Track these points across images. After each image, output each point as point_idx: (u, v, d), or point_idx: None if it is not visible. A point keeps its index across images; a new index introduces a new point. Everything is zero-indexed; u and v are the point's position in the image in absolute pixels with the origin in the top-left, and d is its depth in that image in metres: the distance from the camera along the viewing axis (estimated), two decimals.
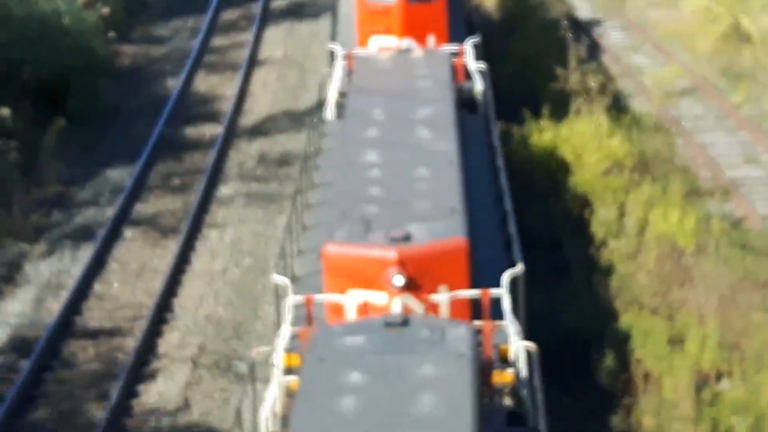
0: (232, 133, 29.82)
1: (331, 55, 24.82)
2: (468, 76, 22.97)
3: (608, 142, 24.56)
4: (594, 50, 33.89)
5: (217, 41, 37.27)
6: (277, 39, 37.37)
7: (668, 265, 21.81)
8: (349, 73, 22.91)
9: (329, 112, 22.26)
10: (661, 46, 34.87)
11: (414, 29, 24.52)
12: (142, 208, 26.09)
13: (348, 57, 23.39)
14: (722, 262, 21.91)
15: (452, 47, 23.62)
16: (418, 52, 23.57)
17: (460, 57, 23.17)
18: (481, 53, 23.96)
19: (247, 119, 30.91)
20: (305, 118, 30.03)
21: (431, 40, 24.52)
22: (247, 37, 37.10)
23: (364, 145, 18.28)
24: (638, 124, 27.78)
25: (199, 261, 23.77)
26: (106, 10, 34.94)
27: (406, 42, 24.33)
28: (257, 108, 31.63)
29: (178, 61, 35.10)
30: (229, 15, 39.82)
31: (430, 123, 19.04)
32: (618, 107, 28.56)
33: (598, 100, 26.94)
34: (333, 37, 27.74)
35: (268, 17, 39.49)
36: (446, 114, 19.47)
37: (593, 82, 27.28)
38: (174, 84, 33.07)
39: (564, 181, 24.31)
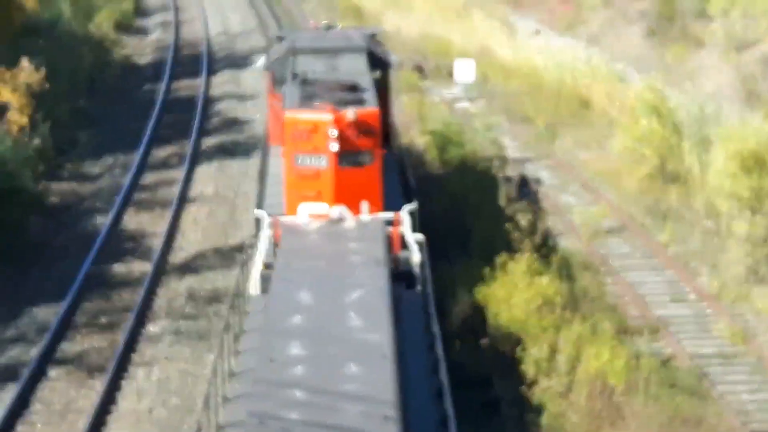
0: (161, 271, 29.56)
1: (257, 223, 23.37)
2: (404, 245, 21.87)
3: (538, 281, 24.61)
4: (523, 189, 34.26)
5: (148, 178, 37.23)
6: (208, 176, 37.42)
7: (599, 404, 21.78)
8: (275, 244, 21.69)
9: (253, 286, 20.91)
10: (589, 185, 35.36)
11: (346, 195, 22.51)
12: (68, 347, 25.62)
13: (275, 225, 22.11)
14: (653, 401, 21.94)
15: (387, 215, 22.38)
16: (350, 222, 22.21)
17: (396, 226, 22.04)
18: (418, 223, 22.61)
19: (177, 256, 30.70)
20: (235, 255, 29.97)
21: (365, 207, 22.50)
22: (178, 174, 37.10)
23: (287, 336, 16.82)
24: (568, 262, 27.97)
25: (125, 401, 23.30)
26: (35, 146, 34.86)
27: (338, 210, 22.42)
28: (187, 245, 31.46)
29: (107, 197, 34.97)
30: (161, 152, 39.90)
31: (361, 309, 17.62)
32: (547, 245, 28.76)
33: (528, 238, 27.09)
34: (259, 203, 25.80)
35: (199, 155, 39.61)
36: (380, 299, 17.97)
37: (523, 221, 27.47)
38: (103, 221, 32.86)
39: (495, 319, 24.28)
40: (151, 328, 26.57)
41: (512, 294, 24.29)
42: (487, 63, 48.95)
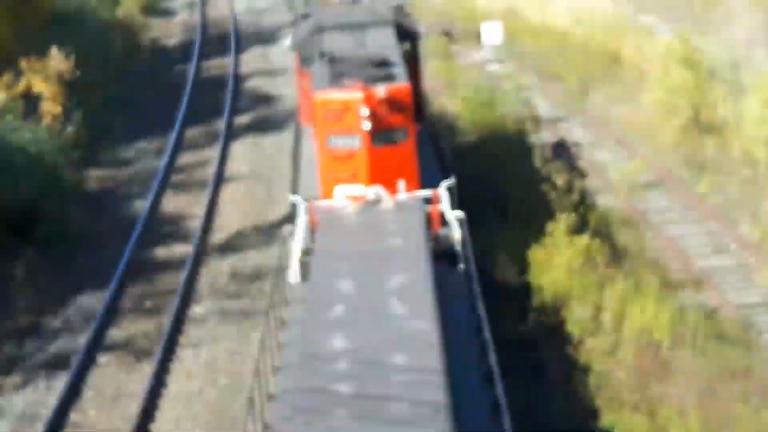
0: (202, 252, 29.74)
1: (293, 208, 22.82)
2: (444, 222, 21.45)
3: (578, 240, 24.58)
4: (559, 148, 34.17)
5: (184, 159, 37.41)
6: (242, 154, 37.54)
7: (646, 360, 21.76)
8: (312, 230, 21.29)
9: (293, 274, 20.59)
10: (623, 140, 35.21)
11: (382, 175, 21.93)
12: (116, 333, 25.86)
13: (311, 211, 21.63)
14: (700, 354, 21.92)
15: (425, 193, 21.90)
16: (387, 202, 21.65)
17: (435, 204, 21.55)
18: (456, 199, 22.06)
19: (217, 236, 30.88)
20: (274, 232, 30.11)
21: (402, 186, 21.97)
22: (213, 153, 37.26)
23: (329, 328, 16.31)
24: (607, 220, 27.91)
25: (174, 383, 23.52)
26: (70, 134, 35.07)
27: (375, 190, 21.91)
28: (226, 225, 31.62)
29: (145, 181, 35.15)
30: (194, 133, 40.03)
31: (404, 295, 17.06)
32: (585, 204, 28.69)
33: (565, 197, 27.03)
34: (294, 188, 25.17)
35: (232, 133, 39.72)
36: (423, 283, 17.31)
37: (559, 180, 27.40)
38: (142, 205, 33.06)
39: (537, 281, 24.29)
40: (197, 309, 26.77)
41: (553, 255, 24.29)
42: (514, 24, 48.67)
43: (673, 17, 43.56)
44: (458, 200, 22.06)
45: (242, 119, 41.53)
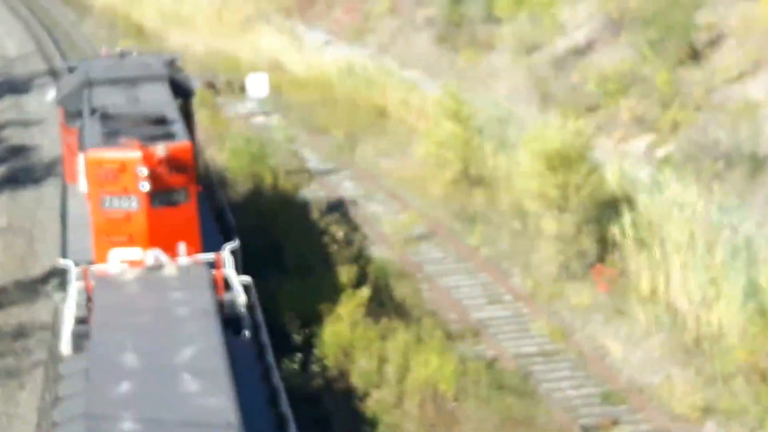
0: None
1: (63, 274, 21.06)
2: (227, 286, 20.11)
3: (359, 292, 24.36)
4: (333, 202, 34.03)
5: None
6: None
7: (432, 411, 21.65)
8: (87, 298, 19.43)
9: (65, 345, 18.77)
10: (394, 193, 35.34)
11: (162, 238, 20.44)
12: None
13: (85, 276, 19.81)
14: (484, 404, 21.94)
15: (208, 256, 20.45)
16: (170, 268, 20.09)
17: (219, 268, 20.16)
18: (241, 262, 20.78)
19: None
20: (38, 287, 28.79)
21: (182, 249, 20.55)
22: None
23: (116, 407, 14.85)
24: (384, 271, 27.82)
25: None
26: None
27: (154, 254, 20.31)
28: None
29: None
30: None
31: (196, 369, 15.75)
32: (362, 256, 28.56)
33: (344, 249, 26.83)
34: (63, 250, 22.83)
35: None
36: (215, 356, 15.98)
37: (339, 232, 27.18)
38: None
39: (318, 333, 23.90)
40: None
41: (334, 307, 23.97)
42: (279, 76, 48.56)
43: (438, 72, 44.35)
44: (242, 262, 20.96)
45: None
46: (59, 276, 22.04)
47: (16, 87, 52.80)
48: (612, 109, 36.40)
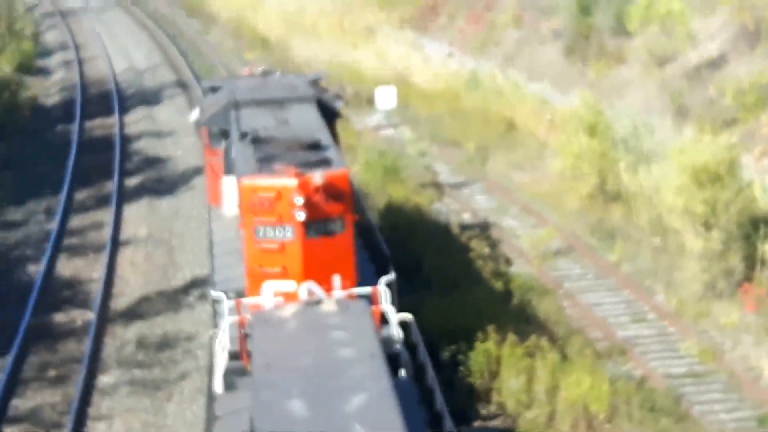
0: (105, 318, 28.49)
1: (213, 306, 20.32)
2: (383, 321, 18.97)
3: (506, 308, 24.17)
4: (467, 215, 33.89)
5: (76, 222, 36.05)
6: (138, 217, 36.36)
7: None
8: (242, 333, 18.65)
9: (218, 383, 18.27)
10: (528, 207, 35.08)
11: (316, 270, 19.43)
12: (20, 404, 24.47)
13: (239, 310, 18.82)
14: (638, 426, 21.57)
15: (364, 290, 19.40)
16: (329, 304, 17.87)
17: (375, 304, 19.01)
18: (397, 297, 19.72)
19: (120, 302, 29.64)
20: (180, 297, 29.14)
21: (337, 282, 19.60)
22: (107, 216, 36.01)
23: None
24: (527, 287, 27.59)
25: None
26: None
27: (308, 287, 18.94)
28: (128, 290, 30.41)
29: (37, 244, 33.72)
30: (84, 194, 38.73)
31: (368, 420, 14.38)
32: (503, 272, 28.36)
33: (487, 265, 26.67)
34: (211, 279, 21.98)
35: (124, 195, 38.53)
36: (387, 404, 14.72)
37: (484, 248, 27.02)
38: (36, 269, 31.63)
39: (464, 350, 23.75)
40: (104, 378, 25.52)
41: (482, 324, 23.79)
42: (405, 88, 48.49)
43: (567, 85, 43.93)
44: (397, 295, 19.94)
45: (134, 181, 40.37)
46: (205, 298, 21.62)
47: (147, 98, 53.65)
48: (751, 124, 35.72)
